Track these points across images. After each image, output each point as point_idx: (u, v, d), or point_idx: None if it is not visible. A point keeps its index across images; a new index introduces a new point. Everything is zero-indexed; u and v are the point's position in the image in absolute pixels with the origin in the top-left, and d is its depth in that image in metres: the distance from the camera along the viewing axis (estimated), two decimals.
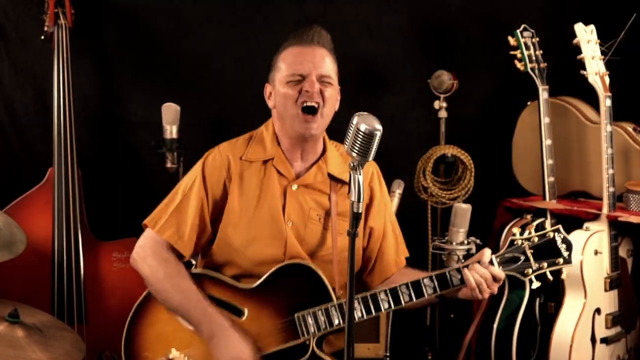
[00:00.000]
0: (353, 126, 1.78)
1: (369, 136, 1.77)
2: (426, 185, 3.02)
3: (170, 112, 2.96)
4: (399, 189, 2.77)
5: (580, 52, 2.73)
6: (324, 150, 2.26)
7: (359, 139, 1.77)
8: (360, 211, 1.78)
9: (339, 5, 3.25)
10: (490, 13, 3.30)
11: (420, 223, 3.14)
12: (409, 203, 2.90)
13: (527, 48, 2.87)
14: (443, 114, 3.11)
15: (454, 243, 2.54)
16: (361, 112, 1.82)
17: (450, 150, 3.02)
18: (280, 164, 2.21)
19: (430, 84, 3.07)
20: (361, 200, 1.77)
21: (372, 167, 2.29)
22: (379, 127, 1.79)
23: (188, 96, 3.12)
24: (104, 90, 3.18)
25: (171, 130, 2.96)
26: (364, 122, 1.77)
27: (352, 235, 1.78)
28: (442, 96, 3.08)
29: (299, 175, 2.22)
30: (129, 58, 3.17)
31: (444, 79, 3.02)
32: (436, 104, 3.10)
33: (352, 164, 1.80)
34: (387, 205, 2.34)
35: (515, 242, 2.11)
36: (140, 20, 3.15)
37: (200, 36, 3.19)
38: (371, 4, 3.26)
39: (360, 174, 1.79)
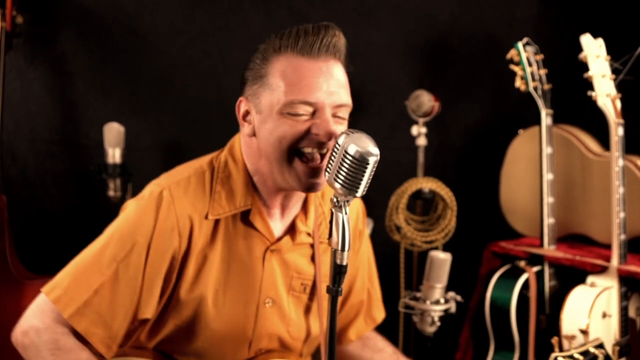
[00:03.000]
0: (339, 148, 1.35)
1: (360, 162, 1.34)
2: (399, 224, 2.54)
3: (112, 134, 2.63)
4: (366, 228, 2.32)
5: (586, 69, 2.29)
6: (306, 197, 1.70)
7: (346, 166, 1.34)
8: (345, 263, 1.34)
9: (312, 19, 2.83)
10: (480, 30, 2.90)
11: (393, 269, 2.68)
12: (380, 245, 2.43)
13: (530, 64, 2.45)
14: (422, 141, 2.65)
15: (428, 302, 2.05)
16: (351, 130, 1.39)
17: (429, 184, 2.55)
18: (258, 219, 1.63)
19: (408, 105, 2.62)
20: (346, 249, 1.34)
21: (356, 204, 1.83)
22: (374, 150, 1.36)
23: (145, 117, 2.81)
24: (53, 108, 2.80)
25: (114, 154, 2.64)
26: (355, 143, 1.35)
27: (335, 293, 1.34)
28: (421, 120, 2.63)
29: (280, 233, 1.68)
30: (80, 73, 2.79)
31: (423, 100, 2.57)
32: (414, 130, 2.64)
33: (334, 200, 1.36)
34: (368, 255, 1.90)
35: None
36: (95, 34, 2.78)
37: (160, 51, 2.81)
38: (348, 20, 2.84)
39: (345, 213, 1.35)
